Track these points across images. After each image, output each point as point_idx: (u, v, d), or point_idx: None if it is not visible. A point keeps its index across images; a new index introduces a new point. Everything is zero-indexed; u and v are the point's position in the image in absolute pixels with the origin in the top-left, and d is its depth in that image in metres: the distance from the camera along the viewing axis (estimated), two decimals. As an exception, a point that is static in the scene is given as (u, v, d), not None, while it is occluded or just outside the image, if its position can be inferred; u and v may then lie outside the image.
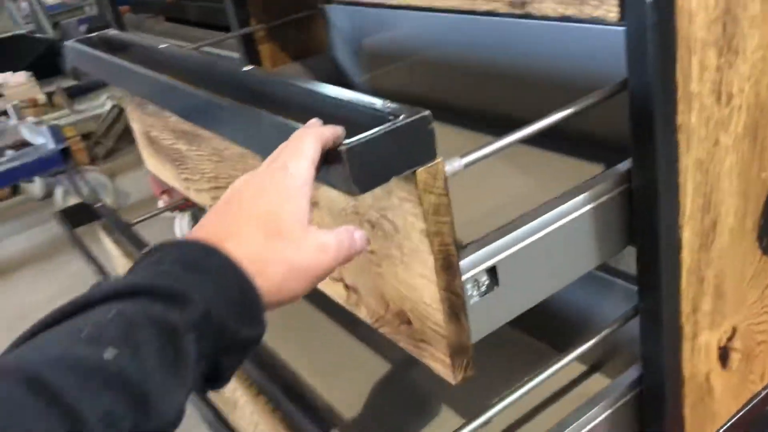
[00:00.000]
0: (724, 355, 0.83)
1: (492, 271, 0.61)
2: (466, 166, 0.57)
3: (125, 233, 1.17)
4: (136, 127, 1.20)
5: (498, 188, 0.79)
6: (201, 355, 0.40)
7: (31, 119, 2.82)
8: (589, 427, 0.78)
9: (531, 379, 0.71)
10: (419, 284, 0.58)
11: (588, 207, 0.68)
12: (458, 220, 0.56)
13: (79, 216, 1.20)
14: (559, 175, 0.80)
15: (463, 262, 0.58)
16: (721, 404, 0.85)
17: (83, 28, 4.06)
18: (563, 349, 0.74)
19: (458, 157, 0.57)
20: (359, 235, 0.51)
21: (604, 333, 0.76)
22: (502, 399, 0.69)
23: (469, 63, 1.03)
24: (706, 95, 0.67)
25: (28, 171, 2.39)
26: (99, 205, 1.19)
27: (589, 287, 0.92)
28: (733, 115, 0.70)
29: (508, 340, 1.00)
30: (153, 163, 1.21)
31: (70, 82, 3.57)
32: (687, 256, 0.72)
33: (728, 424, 0.86)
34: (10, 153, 2.84)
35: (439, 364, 0.61)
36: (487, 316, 0.62)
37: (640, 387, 0.80)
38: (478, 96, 1.03)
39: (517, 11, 0.70)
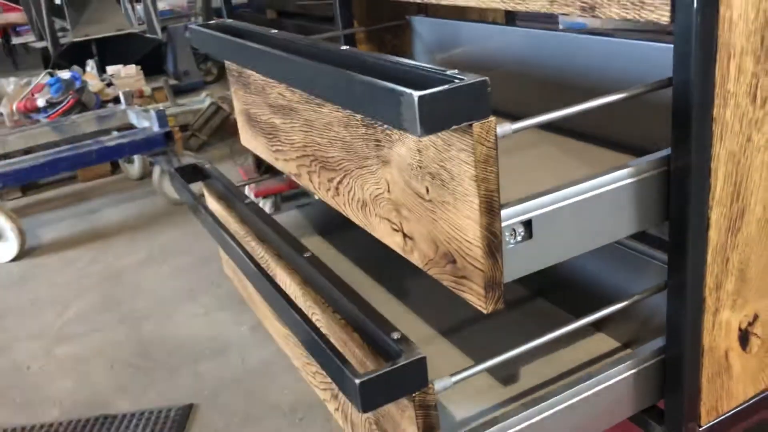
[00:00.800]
0: (744, 338, 0.92)
1: (528, 224, 0.73)
2: (515, 131, 0.71)
3: (230, 189, 1.35)
4: (238, 105, 1.37)
5: (543, 166, 0.92)
6: None
7: (139, 107, 3.10)
8: (611, 382, 0.89)
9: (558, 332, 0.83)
10: (465, 224, 0.72)
11: (627, 181, 0.80)
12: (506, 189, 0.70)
13: (191, 175, 1.38)
14: (601, 159, 0.92)
15: (504, 212, 0.71)
16: (738, 384, 0.94)
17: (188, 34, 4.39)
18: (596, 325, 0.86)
19: (509, 122, 0.71)
20: None
21: (633, 299, 0.88)
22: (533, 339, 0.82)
23: (537, 76, 1.16)
24: (742, 95, 0.78)
25: (134, 148, 2.64)
26: (208, 166, 1.37)
27: (627, 263, 1.03)
28: (767, 117, 0.81)
29: (550, 314, 1.12)
30: (247, 138, 1.38)
31: (172, 82, 3.86)
32: (714, 236, 0.83)
33: (744, 406, 0.95)
34: (116, 133, 3.13)
35: (475, 296, 0.74)
36: (521, 261, 0.75)
37: (663, 356, 0.91)
38: (547, 106, 1.17)
39: (588, 15, 0.84)
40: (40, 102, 3.32)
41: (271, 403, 1.55)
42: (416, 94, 0.63)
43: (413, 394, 0.74)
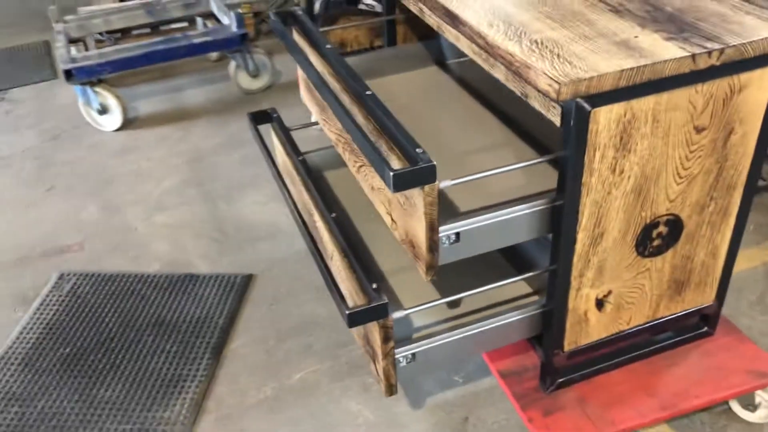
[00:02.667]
0: (600, 303, 1.46)
1: (457, 234, 1.27)
2: (452, 188, 1.22)
3: (285, 133, 1.88)
4: (300, 73, 1.87)
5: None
6: None
7: (219, -7, 3.54)
8: (512, 320, 1.46)
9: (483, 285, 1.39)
10: (419, 233, 1.25)
11: (526, 211, 1.31)
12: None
13: (260, 118, 1.92)
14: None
15: (442, 227, 1.25)
16: (593, 329, 1.49)
17: None
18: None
19: (450, 180, 1.22)
20: None
21: (536, 272, 1.43)
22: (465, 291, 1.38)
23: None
24: (604, 170, 1.27)
25: (214, 46, 3.13)
26: (275, 114, 1.90)
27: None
28: (623, 180, 1.30)
29: (497, 265, 1.67)
30: (305, 97, 1.89)
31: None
32: (579, 247, 1.35)
33: (596, 342, 1.51)
34: (200, 20, 3.60)
35: (422, 271, 1.29)
36: (451, 254, 1.29)
37: (544, 308, 1.47)
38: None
39: (524, 98, 1.31)
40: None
41: (307, 281, 2.17)
42: (391, 173, 1.15)
43: (378, 321, 1.31)
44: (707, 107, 1.26)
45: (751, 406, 1.61)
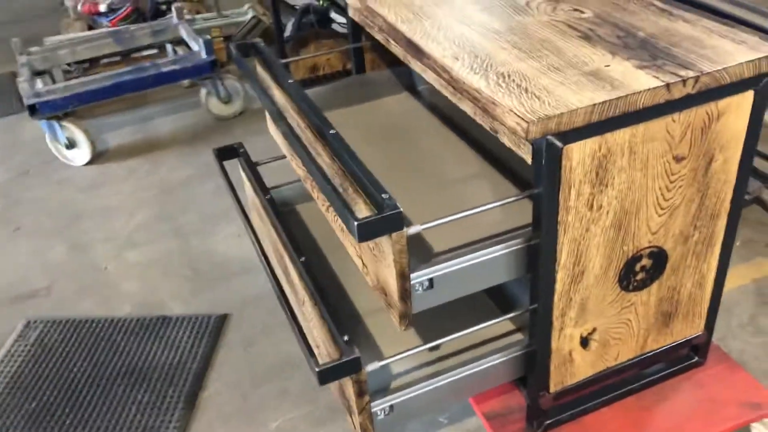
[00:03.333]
0: (585, 342, 1.39)
1: (431, 280, 1.20)
2: (422, 233, 1.15)
3: (252, 170, 1.81)
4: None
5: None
6: None
7: (188, 16, 3.45)
8: (491, 363, 1.38)
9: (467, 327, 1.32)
10: (390, 281, 1.18)
11: (501, 252, 1.24)
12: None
13: (225, 154, 1.84)
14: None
15: (414, 274, 1.17)
16: (578, 369, 1.42)
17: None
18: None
19: (418, 225, 1.15)
20: None
21: (516, 313, 1.36)
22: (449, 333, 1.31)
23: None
24: (581, 206, 1.20)
25: (183, 74, 3.05)
26: (241, 149, 1.82)
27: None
28: (602, 216, 1.23)
29: (478, 302, 1.59)
30: (273, 130, 1.81)
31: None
32: (559, 286, 1.28)
33: (582, 380, 1.44)
34: (169, 47, 3.52)
35: (395, 319, 1.22)
36: (425, 301, 1.22)
37: (527, 349, 1.39)
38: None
39: (493, 133, 1.24)
40: (102, 7, 3.70)
41: (282, 319, 2.09)
42: (355, 222, 1.07)
43: (351, 376, 1.23)
44: (685, 136, 1.20)
45: (746, 438, 1.54)
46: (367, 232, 1.08)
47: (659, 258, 1.35)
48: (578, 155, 1.13)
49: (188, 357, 2.01)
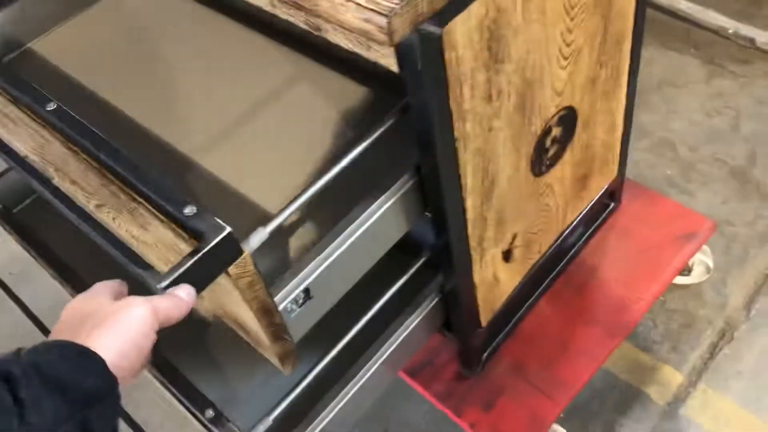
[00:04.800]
0: (507, 255, 1.06)
1: (306, 291, 0.77)
2: (271, 234, 0.70)
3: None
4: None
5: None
6: (53, 409, 0.45)
7: None
8: (412, 327, 1.02)
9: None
10: (248, 320, 0.74)
11: (388, 204, 0.83)
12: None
13: None
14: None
15: (278, 296, 0.74)
16: (505, 285, 1.10)
17: None
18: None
19: (261, 227, 0.69)
20: (185, 292, 0.58)
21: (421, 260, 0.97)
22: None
23: None
24: (478, 104, 0.79)
25: None
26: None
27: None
28: (503, 103, 0.84)
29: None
30: None
31: None
32: (470, 213, 0.90)
33: (510, 295, 1.12)
34: None
35: (275, 362, 0.79)
36: (306, 319, 0.80)
37: (442, 293, 1.04)
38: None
39: (314, 32, 0.76)
40: None
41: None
42: (160, 285, 0.60)
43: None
44: (585, -49, 0.80)
45: (686, 271, 1.35)
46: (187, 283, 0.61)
47: (569, 120, 1.01)
48: (463, 36, 0.71)
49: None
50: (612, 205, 1.31)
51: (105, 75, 1.05)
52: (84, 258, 1.12)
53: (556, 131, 0.99)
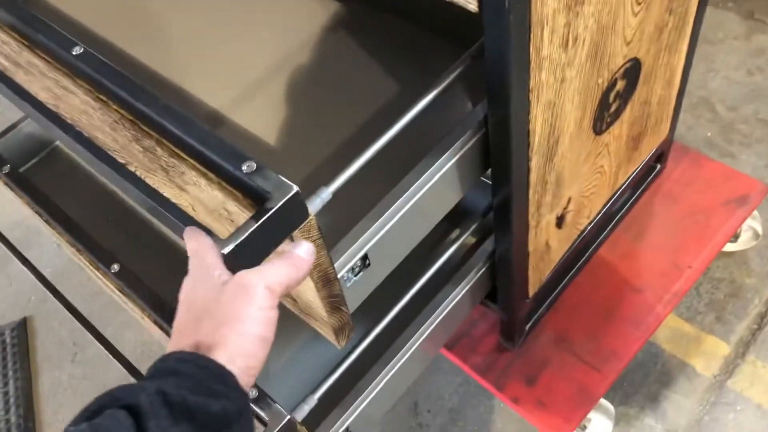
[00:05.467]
0: (560, 221, 0.98)
1: (364, 258, 0.69)
2: (335, 193, 0.61)
3: None
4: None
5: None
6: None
7: None
8: (459, 296, 0.94)
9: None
10: (309, 294, 0.66)
11: (448, 165, 0.74)
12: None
13: None
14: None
15: (338, 263, 0.66)
16: (555, 253, 1.03)
17: None
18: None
19: (324, 186, 0.61)
20: (304, 251, 0.53)
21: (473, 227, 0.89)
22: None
23: None
24: (555, 51, 0.71)
25: None
26: None
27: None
28: (577, 50, 0.75)
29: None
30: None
31: None
32: (533, 174, 0.82)
33: (558, 263, 1.05)
34: None
35: (328, 336, 0.72)
36: (362, 288, 0.72)
37: (493, 258, 0.96)
38: None
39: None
40: None
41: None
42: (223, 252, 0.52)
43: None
44: None
45: (733, 237, 1.28)
46: (247, 255, 0.53)
47: (633, 73, 0.92)
48: (551, -31, 0.62)
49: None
50: (658, 167, 1.23)
51: (122, 25, 0.95)
52: (97, 219, 1.04)
53: (620, 85, 0.91)
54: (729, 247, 1.29)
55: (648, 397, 1.18)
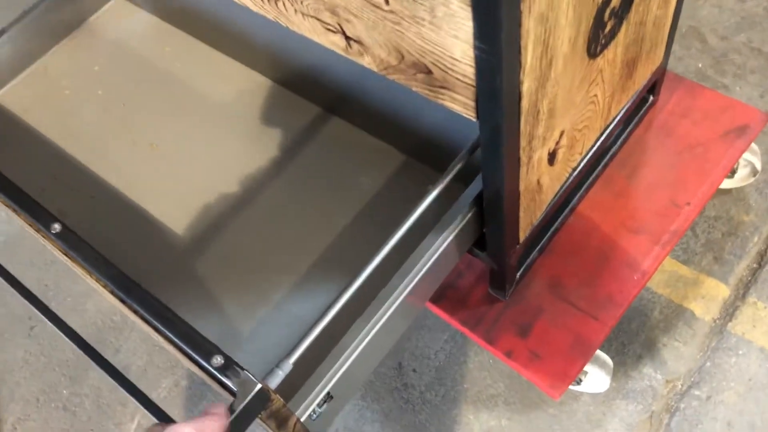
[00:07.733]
0: (552, 157, 0.89)
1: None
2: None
3: None
4: None
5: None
6: None
7: None
8: (446, 244, 0.86)
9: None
10: (450, 43, 0.64)
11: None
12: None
13: None
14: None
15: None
16: (546, 192, 0.94)
17: None
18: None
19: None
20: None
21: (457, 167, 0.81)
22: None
23: None
24: (550, -50, 0.61)
25: None
26: None
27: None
28: (573, -47, 0.65)
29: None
30: None
31: None
32: (525, 101, 0.73)
33: (549, 204, 0.97)
34: None
35: (459, 105, 0.71)
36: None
37: (480, 202, 0.87)
38: None
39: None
40: None
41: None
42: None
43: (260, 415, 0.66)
44: None
45: (729, 173, 1.20)
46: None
47: (630, -14, 0.83)
48: None
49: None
50: (651, 99, 1.15)
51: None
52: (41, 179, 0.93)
53: (615, 1, 0.81)
54: (726, 184, 1.22)
55: (645, 346, 1.12)
